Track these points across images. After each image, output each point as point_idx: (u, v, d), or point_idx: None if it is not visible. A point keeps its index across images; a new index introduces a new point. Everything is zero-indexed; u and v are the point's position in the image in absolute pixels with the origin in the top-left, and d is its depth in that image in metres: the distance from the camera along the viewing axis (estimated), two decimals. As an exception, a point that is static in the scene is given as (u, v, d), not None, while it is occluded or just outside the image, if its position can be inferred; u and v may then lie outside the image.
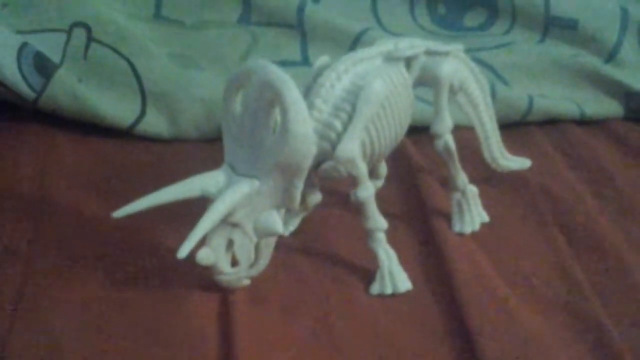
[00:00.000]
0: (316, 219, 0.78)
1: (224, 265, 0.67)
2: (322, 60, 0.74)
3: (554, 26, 1.07)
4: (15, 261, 0.72)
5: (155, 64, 0.97)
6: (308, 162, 0.65)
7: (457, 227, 0.78)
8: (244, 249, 0.67)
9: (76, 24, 0.97)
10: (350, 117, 0.69)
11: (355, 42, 1.02)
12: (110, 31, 0.97)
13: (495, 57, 1.04)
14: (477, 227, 0.79)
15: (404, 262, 0.72)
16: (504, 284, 0.71)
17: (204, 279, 0.69)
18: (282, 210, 0.68)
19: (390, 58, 0.73)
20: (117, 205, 0.66)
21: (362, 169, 0.70)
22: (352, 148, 0.69)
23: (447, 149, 0.77)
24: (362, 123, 0.69)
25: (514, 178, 0.87)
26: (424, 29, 1.08)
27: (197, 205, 0.66)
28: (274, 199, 0.66)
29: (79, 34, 0.97)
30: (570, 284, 0.72)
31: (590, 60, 1.05)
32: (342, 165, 0.69)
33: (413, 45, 0.76)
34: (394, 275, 0.71)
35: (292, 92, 0.62)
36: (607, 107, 1.03)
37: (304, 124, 0.63)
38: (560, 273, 0.74)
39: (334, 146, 0.69)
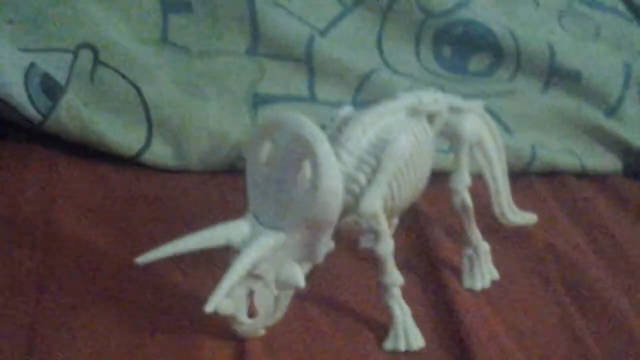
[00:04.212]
0: (327, 267, 0.78)
1: (243, 315, 0.66)
2: (345, 110, 0.74)
3: (558, 76, 1.08)
4: (24, 299, 0.70)
5: (163, 91, 0.96)
6: (336, 218, 0.65)
7: (467, 283, 0.79)
8: (264, 300, 0.66)
9: (82, 45, 0.96)
10: (374, 171, 0.69)
11: (364, 81, 1.02)
12: (116, 54, 0.96)
13: (499, 104, 1.04)
14: (487, 283, 0.79)
15: (414, 316, 0.72)
16: (515, 345, 0.72)
17: (217, 326, 0.68)
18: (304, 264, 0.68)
19: (414, 113, 0.74)
20: (125, 239, 0.65)
21: (384, 224, 0.69)
22: (375, 203, 0.69)
23: (464, 205, 0.78)
24: (386, 178, 0.69)
25: (519, 233, 0.87)
26: (429, 70, 1.08)
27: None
28: (297, 253, 0.66)
29: (85, 55, 0.96)
30: (579, 349, 0.73)
31: (592, 114, 1.06)
32: (364, 220, 0.69)
33: (437, 99, 0.76)
34: (408, 332, 0.71)
35: (325, 148, 0.62)
36: (607, 161, 1.05)
37: (336, 181, 0.63)
38: (568, 336, 0.74)
39: (357, 199, 0.69)
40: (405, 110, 0.73)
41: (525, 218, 0.87)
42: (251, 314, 0.67)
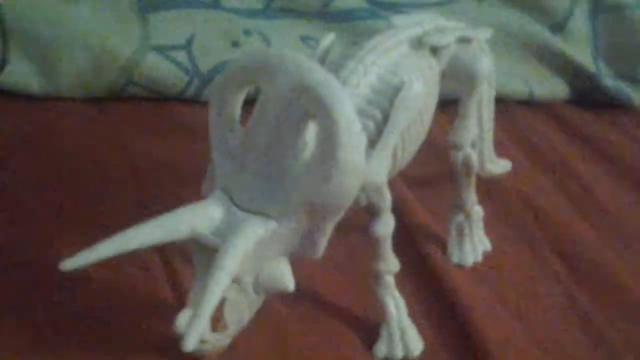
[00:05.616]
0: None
1: (206, 330, 0.47)
2: (328, 40, 0.55)
3: None
4: None
5: None
6: (351, 201, 0.46)
7: (456, 257, 0.63)
8: (236, 309, 0.48)
9: None
10: (379, 127, 0.51)
11: None
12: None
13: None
14: (479, 257, 0.64)
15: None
16: (526, 337, 0.57)
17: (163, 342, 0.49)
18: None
19: (418, 46, 0.56)
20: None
21: (387, 198, 0.52)
22: (381, 172, 0.51)
23: (467, 163, 0.61)
24: (395, 136, 0.51)
25: (487, 183, 0.71)
26: None
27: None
28: (287, 245, 0.47)
29: None
30: (590, 330, 0.59)
31: (537, 29, 0.90)
32: (364, 192, 0.51)
33: (443, 29, 0.60)
34: (405, 334, 0.54)
35: (345, 106, 0.43)
36: (555, 86, 0.90)
37: (358, 154, 0.44)
38: (575, 317, 0.60)
39: None
40: (408, 43, 0.56)
41: (501, 167, 0.73)
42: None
